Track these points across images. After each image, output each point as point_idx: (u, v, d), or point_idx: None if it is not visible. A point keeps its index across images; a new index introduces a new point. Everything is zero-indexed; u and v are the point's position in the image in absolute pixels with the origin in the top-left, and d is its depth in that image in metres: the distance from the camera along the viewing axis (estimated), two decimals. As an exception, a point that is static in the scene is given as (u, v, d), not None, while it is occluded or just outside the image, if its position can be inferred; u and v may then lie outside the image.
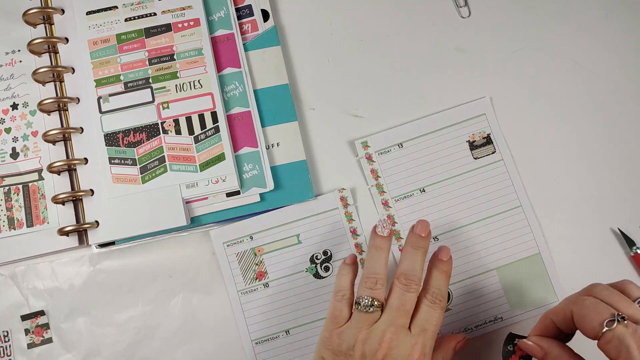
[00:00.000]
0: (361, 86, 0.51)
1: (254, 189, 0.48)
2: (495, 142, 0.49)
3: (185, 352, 0.47)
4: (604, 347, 0.35)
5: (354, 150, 0.50)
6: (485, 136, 0.49)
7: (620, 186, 0.49)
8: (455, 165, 0.49)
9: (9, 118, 0.49)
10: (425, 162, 0.49)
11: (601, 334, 0.35)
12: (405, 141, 0.50)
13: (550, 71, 0.51)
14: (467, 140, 0.49)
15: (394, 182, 0.49)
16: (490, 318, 0.47)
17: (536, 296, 0.47)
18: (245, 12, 0.52)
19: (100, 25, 0.49)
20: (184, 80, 0.49)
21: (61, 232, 0.46)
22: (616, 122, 0.51)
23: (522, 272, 0.48)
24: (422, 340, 0.39)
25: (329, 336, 0.40)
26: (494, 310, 0.47)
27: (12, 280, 0.48)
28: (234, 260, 0.48)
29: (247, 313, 0.48)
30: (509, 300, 0.47)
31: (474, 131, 0.49)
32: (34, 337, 0.47)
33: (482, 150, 0.49)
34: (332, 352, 0.40)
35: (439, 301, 0.41)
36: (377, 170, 0.49)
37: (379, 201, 0.49)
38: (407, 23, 0.52)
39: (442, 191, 0.49)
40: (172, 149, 0.48)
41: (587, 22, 0.52)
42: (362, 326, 0.40)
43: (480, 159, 0.49)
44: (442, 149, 0.49)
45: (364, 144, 0.50)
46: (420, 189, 0.49)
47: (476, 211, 0.48)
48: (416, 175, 0.49)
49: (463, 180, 0.49)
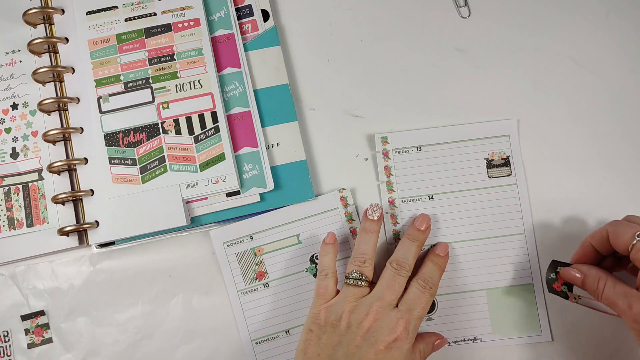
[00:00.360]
0: (361, 86, 0.51)
1: (254, 189, 0.48)
2: (512, 165, 0.49)
3: (185, 352, 0.47)
4: (635, 256, 0.38)
5: (371, 144, 0.50)
6: (504, 157, 0.49)
7: (622, 188, 0.49)
8: (468, 180, 0.49)
9: (9, 118, 0.49)
10: (440, 170, 0.49)
11: (632, 245, 0.38)
12: (425, 145, 0.49)
13: (550, 71, 0.51)
14: (486, 158, 0.49)
15: (405, 183, 0.49)
16: (470, 337, 0.47)
17: (520, 325, 0.47)
18: (245, 12, 0.52)
19: (100, 25, 0.49)
20: (184, 80, 0.49)
21: (61, 232, 0.46)
22: (616, 122, 0.51)
23: (511, 298, 0.47)
24: (407, 317, 0.41)
25: (317, 312, 0.43)
26: (475, 330, 0.47)
27: (12, 280, 0.48)
28: (234, 260, 0.48)
29: (247, 313, 0.48)
30: (493, 323, 0.47)
31: (495, 150, 0.49)
32: (34, 337, 0.47)
33: (498, 171, 0.49)
34: (319, 326, 0.42)
35: (430, 288, 0.43)
36: (390, 168, 0.49)
37: (386, 199, 0.49)
38: (407, 23, 0.52)
39: (450, 202, 0.48)
40: (172, 149, 0.48)
41: (587, 22, 0.52)
42: (350, 299, 0.42)
43: (494, 179, 0.49)
44: (459, 161, 0.49)
45: (384, 139, 0.49)
46: (429, 195, 0.49)
47: (479, 229, 0.48)
48: (428, 181, 0.49)
49: (473, 196, 0.48)
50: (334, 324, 0.41)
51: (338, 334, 0.41)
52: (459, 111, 0.51)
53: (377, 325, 0.41)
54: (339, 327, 0.41)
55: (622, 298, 0.38)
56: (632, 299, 0.37)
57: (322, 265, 0.45)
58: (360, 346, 0.40)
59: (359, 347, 0.40)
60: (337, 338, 0.41)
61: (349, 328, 0.41)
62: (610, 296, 0.39)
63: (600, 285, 0.40)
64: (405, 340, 0.41)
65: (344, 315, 0.41)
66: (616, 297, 0.38)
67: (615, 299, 0.38)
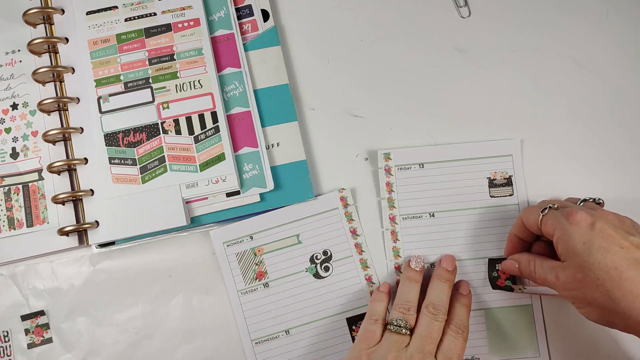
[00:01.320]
0: (361, 86, 0.51)
1: (254, 189, 0.48)
2: (515, 185, 0.49)
3: (185, 352, 0.47)
4: (545, 229, 0.41)
5: (372, 160, 0.50)
6: (506, 177, 0.49)
7: (623, 190, 0.49)
8: (470, 198, 0.49)
9: (9, 118, 0.49)
10: (441, 187, 0.49)
11: (540, 221, 0.41)
12: (427, 162, 0.49)
13: (550, 71, 0.51)
14: (488, 177, 0.49)
15: (406, 200, 0.49)
16: (467, 356, 0.47)
17: (517, 346, 0.47)
18: (245, 12, 0.52)
19: (100, 25, 0.49)
20: (184, 80, 0.49)
21: (61, 232, 0.46)
22: (616, 122, 0.51)
23: (509, 319, 0.47)
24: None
25: (358, 356, 0.42)
26: (473, 349, 0.47)
27: (12, 280, 0.48)
28: (234, 260, 0.48)
29: (247, 313, 0.48)
30: (490, 344, 0.47)
31: (497, 169, 0.49)
32: (34, 337, 0.47)
33: (500, 190, 0.49)
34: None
35: (462, 332, 0.43)
36: (392, 184, 0.49)
37: (387, 215, 0.49)
38: (407, 23, 0.52)
39: (451, 220, 0.48)
40: (172, 149, 0.48)
41: (587, 22, 0.52)
42: (393, 348, 0.42)
43: (496, 198, 0.49)
44: (462, 179, 0.49)
45: (386, 156, 0.49)
46: (430, 212, 0.49)
47: (478, 248, 0.48)
48: (430, 198, 0.49)
49: (474, 215, 0.48)
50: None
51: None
52: (459, 111, 0.51)
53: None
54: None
55: (550, 272, 0.40)
56: (557, 270, 0.40)
57: (373, 310, 0.45)
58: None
59: None
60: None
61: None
62: (541, 274, 0.41)
63: (531, 267, 0.42)
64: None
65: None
66: (545, 273, 0.41)
67: (545, 275, 0.41)
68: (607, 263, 0.37)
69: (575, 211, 0.39)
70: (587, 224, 0.38)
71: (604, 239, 0.38)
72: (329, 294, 0.48)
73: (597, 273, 0.37)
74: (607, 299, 0.37)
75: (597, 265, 0.37)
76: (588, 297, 0.38)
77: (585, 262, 0.37)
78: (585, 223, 0.38)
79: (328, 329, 0.47)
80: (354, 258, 0.48)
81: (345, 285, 0.48)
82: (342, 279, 0.48)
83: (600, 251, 0.37)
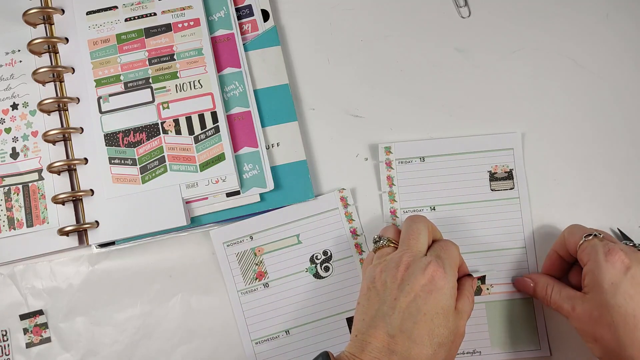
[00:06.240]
0: (361, 86, 0.51)
1: (254, 189, 0.48)
2: (515, 179, 0.49)
3: (185, 352, 0.47)
4: (580, 255, 0.41)
5: (374, 154, 0.50)
6: (507, 171, 0.49)
7: (622, 188, 0.49)
8: (470, 192, 0.49)
9: (9, 118, 0.49)
10: (442, 181, 0.49)
11: (579, 245, 0.42)
12: (428, 156, 0.49)
13: (550, 71, 0.51)
14: (489, 171, 0.49)
15: (407, 194, 0.49)
16: (469, 349, 0.47)
17: (518, 339, 0.47)
18: (245, 12, 0.52)
19: (100, 25, 0.50)
20: (184, 80, 0.49)
21: (61, 232, 0.46)
22: (616, 122, 0.51)
23: (510, 312, 0.47)
24: (438, 261, 0.40)
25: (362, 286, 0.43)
26: (474, 343, 0.47)
27: (10, 279, 0.48)
28: (234, 260, 0.48)
29: (247, 313, 0.47)
30: (491, 337, 0.47)
31: (498, 163, 0.49)
32: (33, 337, 0.47)
33: (501, 184, 0.49)
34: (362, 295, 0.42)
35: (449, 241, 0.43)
36: (393, 178, 0.49)
37: (388, 209, 0.49)
38: (407, 23, 0.52)
39: (451, 214, 0.48)
40: (172, 149, 0.48)
41: (587, 22, 0.52)
42: (380, 260, 0.42)
43: (497, 192, 0.49)
44: (462, 173, 0.49)
45: (387, 149, 0.49)
46: (431, 206, 0.49)
47: (479, 242, 0.48)
48: (430, 192, 0.49)
49: (475, 209, 0.48)
50: (370, 287, 0.41)
51: (377, 295, 0.40)
52: (459, 111, 0.51)
53: (409, 273, 0.40)
54: (375, 288, 0.40)
55: (567, 301, 0.41)
56: (575, 301, 0.40)
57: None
58: (397, 298, 0.39)
59: (397, 299, 0.39)
60: (377, 299, 0.40)
61: (384, 286, 0.40)
62: (557, 300, 0.42)
63: (548, 291, 0.43)
64: (444, 278, 0.39)
65: (377, 276, 0.41)
66: (562, 301, 0.42)
67: (561, 303, 0.42)
68: (627, 309, 0.37)
69: (617, 250, 0.39)
70: (622, 267, 0.39)
71: (632, 285, 0.38)
72: (329, 294, 0.48)
73: (614, 316, 0.38)
74: (616, 343, 0.37)
75: (617, 308, 0.38)
76: (597, 335, 0.39)
77: (607, 302, 0.38)
78: (621, 265, 0.39)
79: (328, 329, 0.47)
80: (354, 258, 0.48)
81: (345, 286, 0.48)
82: (342, 279, 0.48)
83: (625, 296, 0.38)
